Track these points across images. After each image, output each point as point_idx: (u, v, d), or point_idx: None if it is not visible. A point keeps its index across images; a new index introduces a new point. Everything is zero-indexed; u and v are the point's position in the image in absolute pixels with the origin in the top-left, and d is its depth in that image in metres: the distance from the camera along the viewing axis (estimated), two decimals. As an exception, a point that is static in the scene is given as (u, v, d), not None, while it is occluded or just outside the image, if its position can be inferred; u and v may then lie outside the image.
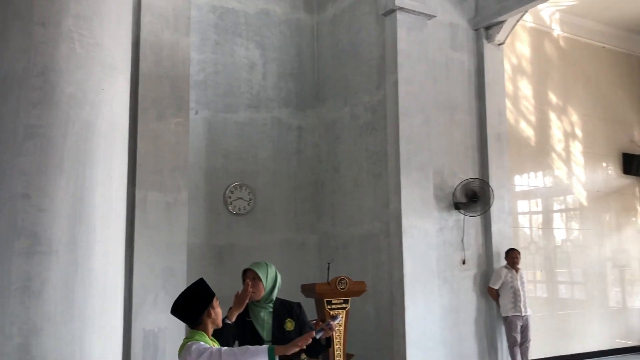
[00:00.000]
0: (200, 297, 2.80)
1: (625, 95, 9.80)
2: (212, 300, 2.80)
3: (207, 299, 2.79)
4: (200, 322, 2.78)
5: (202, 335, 2.77)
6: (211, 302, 2.80)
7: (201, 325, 2.78)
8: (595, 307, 8.90)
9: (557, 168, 8.83)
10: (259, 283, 3.32)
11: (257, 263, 3.43)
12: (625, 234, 9.46)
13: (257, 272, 3.35)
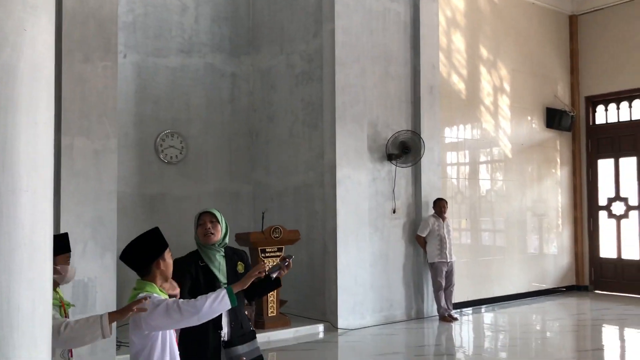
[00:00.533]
0: (152, 246, 2.72)
1: (552, 51, 10.18)
2: (163, 251, 2.72)
3: (158, 249, 2.72)
4: (149, 272, 2.70)
5: (152, 286, 2.68)
6: (162, 253, 2.72)
7: (150, 275, 2.70)
8: (515, 253, 9.47)
9: (485, 121, 9.14)
10: (218, 225, 3.34)
11: (211, 208, 3.44)
12: (545, 184, 10.02)
13: (215, 215, 3.35)
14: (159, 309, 2.54)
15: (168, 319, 2.54)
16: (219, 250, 3.30)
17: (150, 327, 2.57)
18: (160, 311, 2.54)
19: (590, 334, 7.46)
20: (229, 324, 3.20)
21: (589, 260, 10.22)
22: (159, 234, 2.77)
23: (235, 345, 3.16)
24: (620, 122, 9.98)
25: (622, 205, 9.88)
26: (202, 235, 3.30)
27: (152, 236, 2.76)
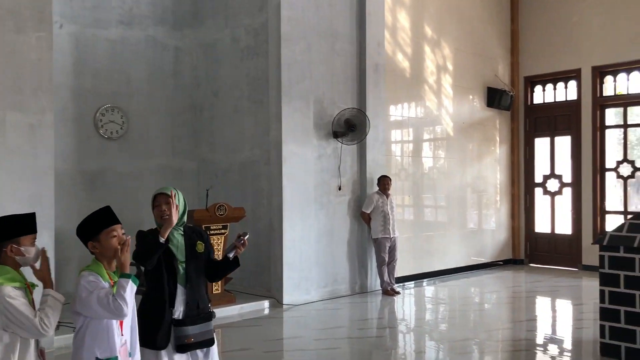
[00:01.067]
0: (85, 227, 2.68)
1: (494, 31, 10.41)
2: (96, 234, 2.66)
3: (89, 231, 2.67)
4: (92, 252, 2.68)
5: (97, 266, 2.66)
6: (95, 235, 2.65)
7: (95, 255, 2.68)
8: (455, 229, 9.76)
9: (428, 100, 9.30)
10: (174, 206, 3.26)
11: (167, 187, 3.35)
12: (485, 162, 10.33)
13: (171, 195, 3.29)
14: (92, 294, 2.54)
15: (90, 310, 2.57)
16: (177, 229, 3.25)
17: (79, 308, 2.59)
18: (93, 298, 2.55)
19: (524, 305, 7.81)
20: (184, 302, 3.16)
21: (524, 235, 10.67)
22: (96, 216, 2.71)
23: (186, 325, 3.11)
24: (557, 102, 10.36)
25: (557, 182, 10.33)
26: (158, 217, 3.24)
27: (89, 218, 2.70)
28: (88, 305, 2.54)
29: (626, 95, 9.55)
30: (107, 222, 2.67)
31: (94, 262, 2.66)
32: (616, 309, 4.94)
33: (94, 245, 2.65)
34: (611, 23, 9.44)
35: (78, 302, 2.56)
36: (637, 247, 4.78)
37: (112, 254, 2.65)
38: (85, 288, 2.54)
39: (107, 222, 2.67)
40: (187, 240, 3.25)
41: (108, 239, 2.65)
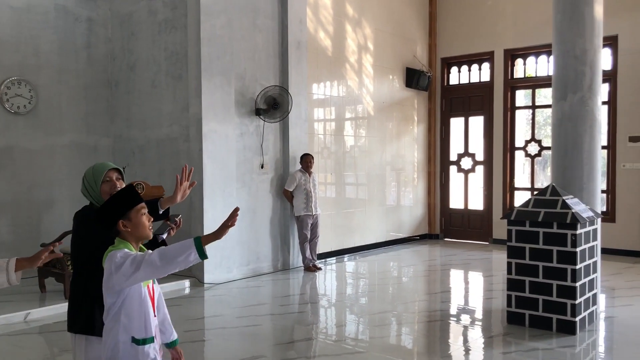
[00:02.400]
0: (118, 204, 2.55)
1: (413, 13, 10.63)
2: (128, 210, 2.54)
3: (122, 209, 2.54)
4: (119, 232, 2.55)
5: (125, 244, 2.54)
6: (127, 213, 2.54)
7: (121, 234, 2.56)
8: (375, 205, 10.01)
9: (350, 78, 9.39)
10: (122, 183, 3.14)
11: (109, 162, 3.19)
12: (403, 141, 10.62)
13: (122, 172, 3.17)
14: (126, 263, 2.40)
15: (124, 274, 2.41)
16: None
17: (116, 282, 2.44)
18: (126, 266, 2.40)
19: (439, 278, 8.16)
20: None
21: (440, 211, 11.11)
22: (124, 196, 2.57)
23: None
24: (471, 83, 10.78)
25: (470, 160, 10.80)
26: (107, 193, 3.04)
27: (116, 198, 2.56)
28: (127, 272, 2.39)
29: (535, 77, 10.08)
30: (136, 200, 2.58)
31: (119, 241, 2.54)
32: (521, 279, 5.27)
33: (125, 223, 2.54)
34: (522, 9, 9.88)
35: (114, 274, 2.41)
36: (541, 221, 5.10)
37: (144, 232, 2.58)
38: (120, 257, 2.42)
39: (135, 200, 2.57)
40: None
41: (139, 216, 2.56)
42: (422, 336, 5.46)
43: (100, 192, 3.03)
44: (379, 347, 5.03)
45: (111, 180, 3.03)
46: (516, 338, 5.10)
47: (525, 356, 4.70)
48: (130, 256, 2.42)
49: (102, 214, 2.55)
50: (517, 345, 4.94)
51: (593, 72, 5.44)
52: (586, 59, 5.40)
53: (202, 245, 2.41)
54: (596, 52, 5.47)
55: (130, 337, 2.48)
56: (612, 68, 9.07)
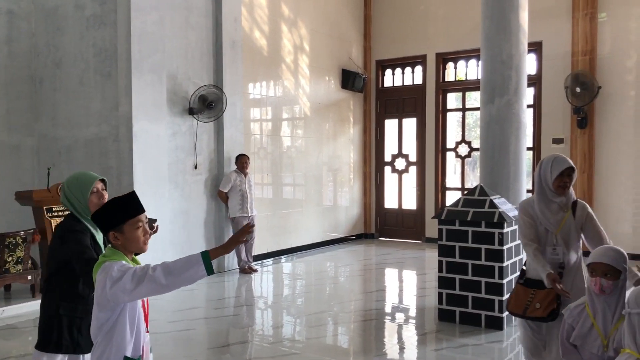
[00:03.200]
0: (112, 213, 2.34)
1: (348, 15, 10.73)
2: (122, 223, 2.33)
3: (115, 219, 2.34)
4: (113, 242, 2.37)
5: (119, 255, 2.35)
6: (117, 226, 2.33)
7: (114, 244, 2.37)
8: (312, 206, 10.03)
9: (286, 79, 9.37)
10: (105, 194, 3.09)
11: (93, 173, 3.10)
12: (340, 141, 10.70)
13: (105, 180, 3.12)
14: (125, 276, 2.23)
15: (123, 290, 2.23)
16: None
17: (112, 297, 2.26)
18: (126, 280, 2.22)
19: (374, 277, 8.27)
20: None
21: (375, 211, 11.27)
22: (120, 204, 2.35)
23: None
24: (405, 85, 10.99)
25: (404, 161, 11.01)
26: (95, 204, 2.95)
27: (112, 205, 2.36)
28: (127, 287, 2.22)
29: (465, 81, 10.39)
30: (133, 211, 2.34)
31: (112, 251, 2.35)
32: (452, 277, 5.42)
33: (117, 236, 2.33)
34: (453, 14, 10.17)
35: (110, 288, 2.23)
36: (470, 220, 5.25)
37: (136, 247, 2.36)
38: (119, 274, 2.23)
39: (133, 211, 2.34)
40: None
41: (133, 230, 2.33)
42: (357, 335, 5.51)
43: (88, 203, 2.96)
44: (315, 347, 5.03)
45: (98, 191, 3.00)
46: (447, 335, 5.23)
47: (455, 352, 4.83)
48: (130, 270, 2.25)
49: (97, 221, 2.39)
50: (448, 342, 5.06)
51: (519, 77, 5.67)
52: (512, 63, 5.62)
53: (210, 260, 2.27)
54: (521, 57, 5.69)
55: (122, 357, 2.32)
56: (537, 72, 9.48)
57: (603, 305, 2.71)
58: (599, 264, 2.70)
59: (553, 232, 3.41)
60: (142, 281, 2.21)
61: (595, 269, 2.70)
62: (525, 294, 3.41)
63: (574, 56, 8.98)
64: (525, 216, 3.46)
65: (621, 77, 8.76)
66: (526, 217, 3.45)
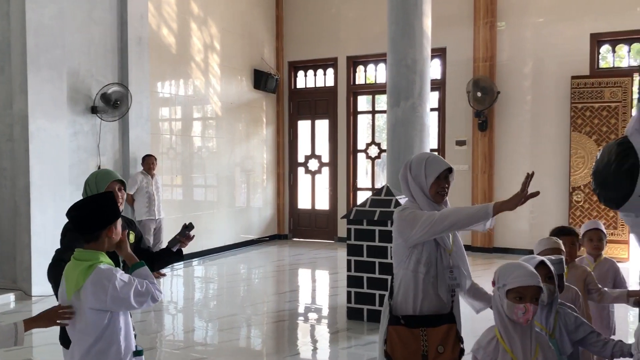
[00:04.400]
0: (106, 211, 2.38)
1: (260, 15, 10.68)
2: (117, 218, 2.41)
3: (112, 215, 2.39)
4: (98, 238, 2.35)
5: (103, 255, 2.37)
6: (116, 220, 2.40)
7: (98, 242, 2.35)
8: (224, 208, 9.89)
9: (196, 78, 9.18)
10: (125, 194, 2.99)
11: (113, 172, 3.00)
12: (253, 142, 10.63)
13: (124, 181, 2.98)
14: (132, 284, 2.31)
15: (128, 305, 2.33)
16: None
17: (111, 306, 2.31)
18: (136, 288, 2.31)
19: (287, 278, 8.28)
20: None
21: (288, 212, 11.30)
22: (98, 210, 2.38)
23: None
24: (317, 87, 11.10)
25: (317, 162, 11.12)
26: None
27: (106, 200, 2.41)
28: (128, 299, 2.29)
29: (375, 84, 10.65)
30: (111, 218, 2.38)
31: (93, 253, 2.33)
32: (360, 276, 5.53)
33: (113, 232, 2.39)
34: (363, 18, 10.39)
35: (111, 298, 2.26)
36: (377, 220, 5.39)
37: (110, 247, 2.40)
38: (120, 282, 2.28)
39: (110, 218, 2.38)
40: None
41: (119, 226, 2.43)
42: (270, 337, 5.50)
43: None
44: (228, 351, 4.98)
45: (114, 191, 2.85)
46: (355, 333, 5.33)
47: (363, 350, 4.93)
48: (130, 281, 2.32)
49: (87, 218, 2.34)
50: (356, 340, 5.16)
51: (422, 81, 5.87)
52: (416, 68, 5.81)
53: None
54: (425, 62, 5.90)
55: (131, 352, 2.42)
56: (441, 77, 9.88)
57: (520, 334, 2.28)
58: (529, 288, 2.23)
59: (447, 251, 2.72)
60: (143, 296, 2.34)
61: (524, 294, 2.23)
62: (413, 339, 2.60)
63: (475, 62, 9.44)
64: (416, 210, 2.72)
65: (518, 82, 9.32)
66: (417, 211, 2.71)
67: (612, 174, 1.87)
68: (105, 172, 2.97)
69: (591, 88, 8.60)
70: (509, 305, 2.25)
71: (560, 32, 8.96)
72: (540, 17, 9.17)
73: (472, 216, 2.53)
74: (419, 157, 2.77)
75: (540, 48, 9.14)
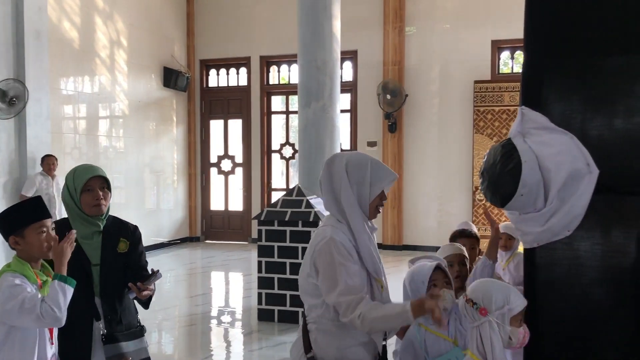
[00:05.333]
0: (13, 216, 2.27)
1: (170, 11, 10.40)
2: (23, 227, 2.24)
3: (16, 223, 2.25)
4: (12, 245, 2.26)
5: (21, 265, 2.24)
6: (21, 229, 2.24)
7: (16, 249, 2.26)
8: (133, 209, 9.51)
9: (101, 74, 8.79)
10: (108, 193, 2.55)
11: (96, 167, 2.56)
12: (162, 142, 10.32)
13: (107, 178, 2.55)
14: (13, 303, 2.13)
15: (15, 319, 2.17)
16: (94, 222, 2.52)
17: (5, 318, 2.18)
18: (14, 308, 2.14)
19: (200, 281, 8.13)
20: (104, 316, 2.49)
21: (200, 213, 11.08)
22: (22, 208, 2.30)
23: (119, 342, 2.49)
24: (230, 86, 10.96)
25: (230, 162, 10.98)
26: (89, 204, 2.46)
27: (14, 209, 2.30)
28: (13, 314, 2.14)
29: (288, 84, 10.67)
30: (36, 216, 2.25)
31: (17, 260, 2.25)
32: (271, 277, 5.52)
33: (17, 240, 2.24)
34: (276, 18, 10.37)
35: (0, 310, 2.16)
36: (288, 220, 5.40)
37: (38, 253, 2.27)
38: (9, 294, 2.14)
39: (35, 216, 2.25)
40: (107, 237, 2.54)
41: (34, 235, 2.24)
42: (182, 341, 5.40)
43: (80, 203, 2.46)
44: (131, 359, 4.79)
45: (94, 189, 2.47)
46: (266, 334, 5.33)
47: (274, 350, 4.93)
48: (21, 296, 2.14)
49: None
50: (267, 341, 5.16)
51: (333, 83, 5.95)
52: (326, 70, 5.88)
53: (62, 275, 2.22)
54: (335, 64, 5.99)
55: None
56: (353, 79, 10.06)
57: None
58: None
59: (381, 289, 2.21)
60: (27, 313, 2.14)
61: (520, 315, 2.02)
62: None
63: (385, 65, 9.69)
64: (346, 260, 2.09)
65: (426, 86, 9.66)
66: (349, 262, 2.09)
67: (497, 174, 1.98)
68: (84, 168, 2.54)
69: (492, 92, 9.07)
70: (512, 332, 1.94)
71: (464, 38, 9.38)
72: (447, 24, 9.56)
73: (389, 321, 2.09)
74: (359, 159, 2.16)
75: (446, 53, 9.53)
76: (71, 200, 2.48)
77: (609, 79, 1.99)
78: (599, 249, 1.99)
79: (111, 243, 2.54)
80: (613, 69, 1.99)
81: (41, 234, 2.25)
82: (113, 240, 2.55)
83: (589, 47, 2.03)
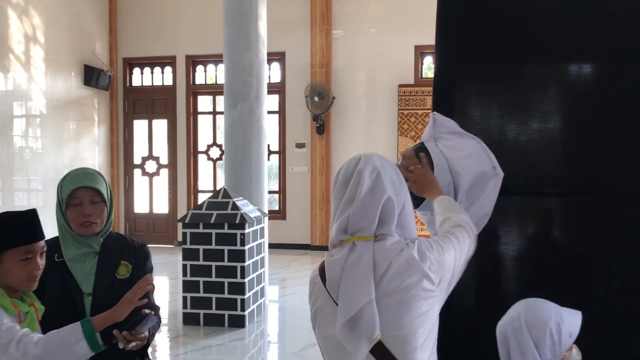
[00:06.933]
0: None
1: (91, 7, 10.01)
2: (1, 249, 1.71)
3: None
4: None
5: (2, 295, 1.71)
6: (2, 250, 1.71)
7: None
8: (52, 213, 8.96)
9: (15, 71, 8.35)
10: (102, 206, 2.03)
11: (88, 173, 2.05)
12: (83, 142, 9.92)
13: (100, 191, 2.02)
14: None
15: None
16: (89, 242, 2.03)
17: None
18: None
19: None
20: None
21: (124, 216, 10.74)
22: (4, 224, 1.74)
23: None
24: (154, 86, 10.70)
25: (155, 163, 10.71)
26: (75, 222, 1.98)
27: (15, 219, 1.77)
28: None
29: (215, 84, 10.54)
30: (22, 238, 1.73)
31: None
32: (196, 280, 5.44)
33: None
34: (202, 17, 10.22)
35: None
36: (214, 223, 5.34)
37: (17, 284, 1.74)
38: None
39: (21, 238, 1.73)
40: (104, 259, 2.04)
41: (15, 262, 1.72)
42: (97, 350, 5.18)
43: (64, 217, 2.01)
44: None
45: (81, 203, 1.99)
46: (191, 338, 5.24)
47: (199, 354, 4.86)
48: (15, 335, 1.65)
49: None
50: (192, 345, 5.08)
51: (259, 84, 5.95)
52: (253, 71, 5.88)
53: (95, 330, 1.71)
54: (261, 65, 5.99)
55: None
56: (281, 81, 10.08)
57: None
58: None
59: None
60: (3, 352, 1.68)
61: None
62: None
63: (312, 68, 9.78)
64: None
65: (353, 89, 9.82)
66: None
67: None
68: (72, 176, 2.07)
69: (415, 96, 9.35)
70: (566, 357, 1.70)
71: (389, 42, 9.61)
72: (372, 28, 9.76)
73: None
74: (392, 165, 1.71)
75: (372, 57, 9.73)
76: (60, 215, 2.06)
77: (523, 85, 2.11)
78: (505, 249, 2.12)
79: (108, 268, 2.06)
80: (528, 76, 2.11)
81: (25, 261, 1.76)
82: (111, 263, 2.07)
83: (504, 55, 2.14)
